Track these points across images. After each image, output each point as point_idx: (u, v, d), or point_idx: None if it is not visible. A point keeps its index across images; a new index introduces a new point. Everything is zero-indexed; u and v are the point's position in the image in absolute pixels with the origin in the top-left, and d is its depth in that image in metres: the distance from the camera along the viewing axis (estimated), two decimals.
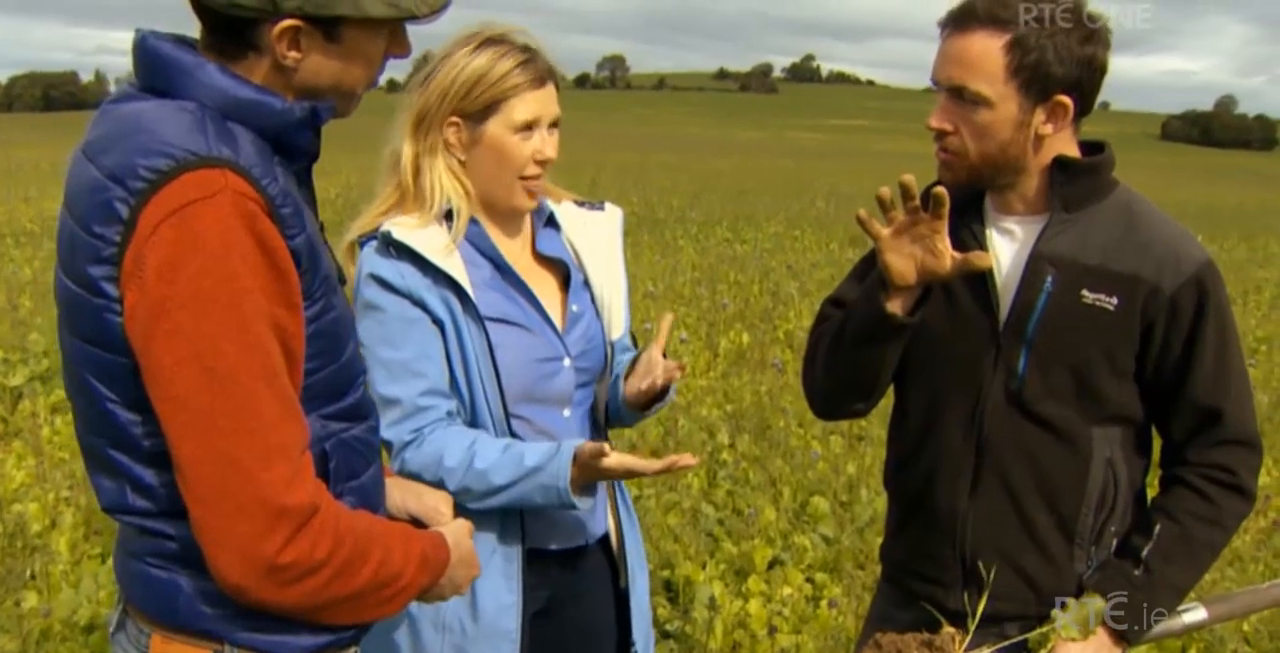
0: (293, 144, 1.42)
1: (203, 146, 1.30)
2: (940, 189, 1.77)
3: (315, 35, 1.38)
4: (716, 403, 6.73)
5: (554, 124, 2.01)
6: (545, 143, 1.98)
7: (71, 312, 1.35)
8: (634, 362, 2.12)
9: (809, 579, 4.35)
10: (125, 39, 1.44)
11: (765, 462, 5.61)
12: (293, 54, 1.38)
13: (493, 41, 1.95)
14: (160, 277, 1.26)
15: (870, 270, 1.98)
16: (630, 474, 1.95)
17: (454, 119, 1.95)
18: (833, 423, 6.14)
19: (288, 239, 1.34)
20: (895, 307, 1.84)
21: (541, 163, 1.99)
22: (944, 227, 1.76)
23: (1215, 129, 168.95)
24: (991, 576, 1.85)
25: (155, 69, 1.38)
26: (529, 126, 1.96)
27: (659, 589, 4.14)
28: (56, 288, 1.38)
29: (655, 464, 1.90)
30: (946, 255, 1.77)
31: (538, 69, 1.96)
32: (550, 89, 1.98)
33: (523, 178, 1.99)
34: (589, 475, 1.94)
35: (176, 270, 1.25)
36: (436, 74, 1.95)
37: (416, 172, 1.97)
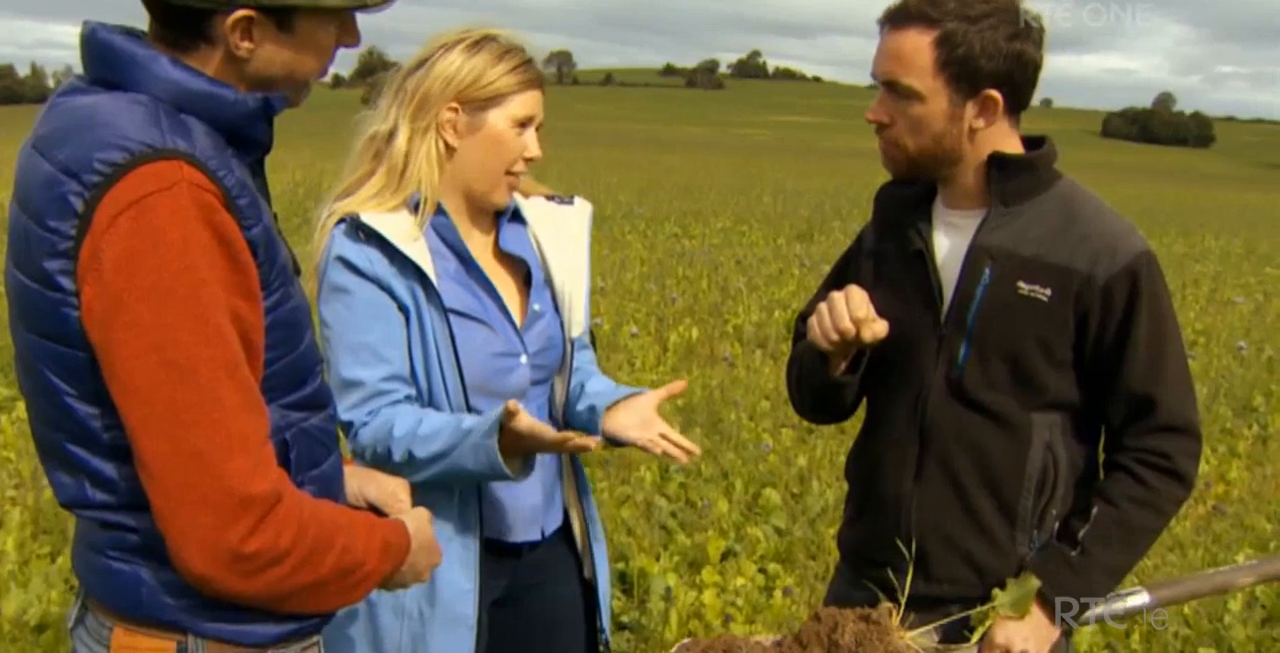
0: (246, 135, 1.42)
1: (158, 139, 1.30)
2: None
3: (268, 25, 1.38)
4: None
5: (539, 127, 2.05)
6: (534, 142, 2.03)
7: (27, 307, 1.35)
8: (622, 398, 2.11)
9: (762, 570, 4.39)
10: (65, 32, 1.44)
11: (717, 455, 5.64)
12: (245, 45, 1.38)
13: (494, 40, 1.99)
14: (118, 269, 1.26)
15: (841, 280, 2.09)
16: (537, 440, 1.90)
17: (453, 104, 1.97)
18: (783, 416, 6.23)
19: (245, 230, 1.34)
20: (835, 368, 2.00)
21: (528, 161, 2.04)
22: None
23: (1154, 126, 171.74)
24: (912, 553, 1.90)
25: (107, 62, 1.38)
26: (524, 124, 2.01)
27: (613, 582, 4.16)
28: (8, 283, 1.37)
29: (553, 435, 1.88)
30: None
31: (535, 72, 2.01)
32: (540, 93, 2.04)
33: (508, 173, 2.03)
34: (515, 441, 1.91)
35: (135, 263, 1.25)
36: (437, 62, 1.97)
37: (408, 154, 1.99)
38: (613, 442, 2.09)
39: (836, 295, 1.89)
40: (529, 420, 1.89)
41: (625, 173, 29.60)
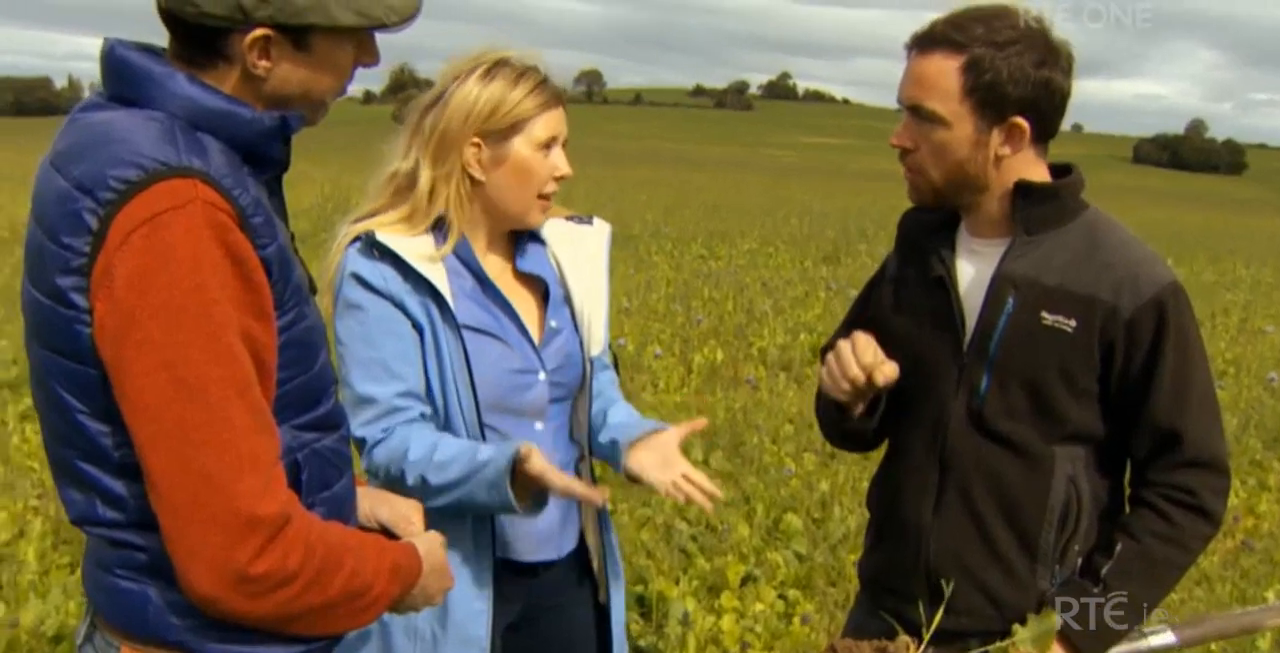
0: (263, 154, 1.42)
1: (173, 157, 1.30)
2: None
3: (285, 44, 1.38)
4: (690, 419, 6.71)
5: (564, 143, 2.04)
6: (562, 160, 2.02)
7: (40, 323, 1.35)
8: (645, 434, 2.09)
9: (781, 596, 4.34)
10: (96, 45, 1.44)
11: (739, 478, 5.61)
12: (263, 63, 1.38)
13: (506, 64, 1.97)
14: (130, 287, 1.25)
15: (863, 311, 2.11)
16: (546, 483, 1.90)
17: (475, 140, 1.96)
18: (806, 440, 6.19)
19: (259, 249, 1.34)
20: (854, 413, 2.02)
21: (558, 180, 2.03)
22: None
23: (1185, 153, 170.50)
24: (949, 590, 1.87)
25: (124, 78, 1.38)
26: (548, 145, 2.00)
27: (631, 605, 4.13)
28: (24, 299, 1.37)
29: (560, 484, 1.90)
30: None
31: (553, 90, 2.00)
32: (562, 110, 2.02)
33: (540, 196, 2.02)
34: (527, 479, 1.91)
35: (147, 281, 1.25)
36: (452, 97, 1.95)
37: (432, 193, 1.98)
38: (633, 479, 2.06)
39: (843, 344, 1.90)
40: (540, 465, 1.89)
41: (653, 192, 29.65)
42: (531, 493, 1.94)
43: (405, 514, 1.76)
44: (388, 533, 1.72)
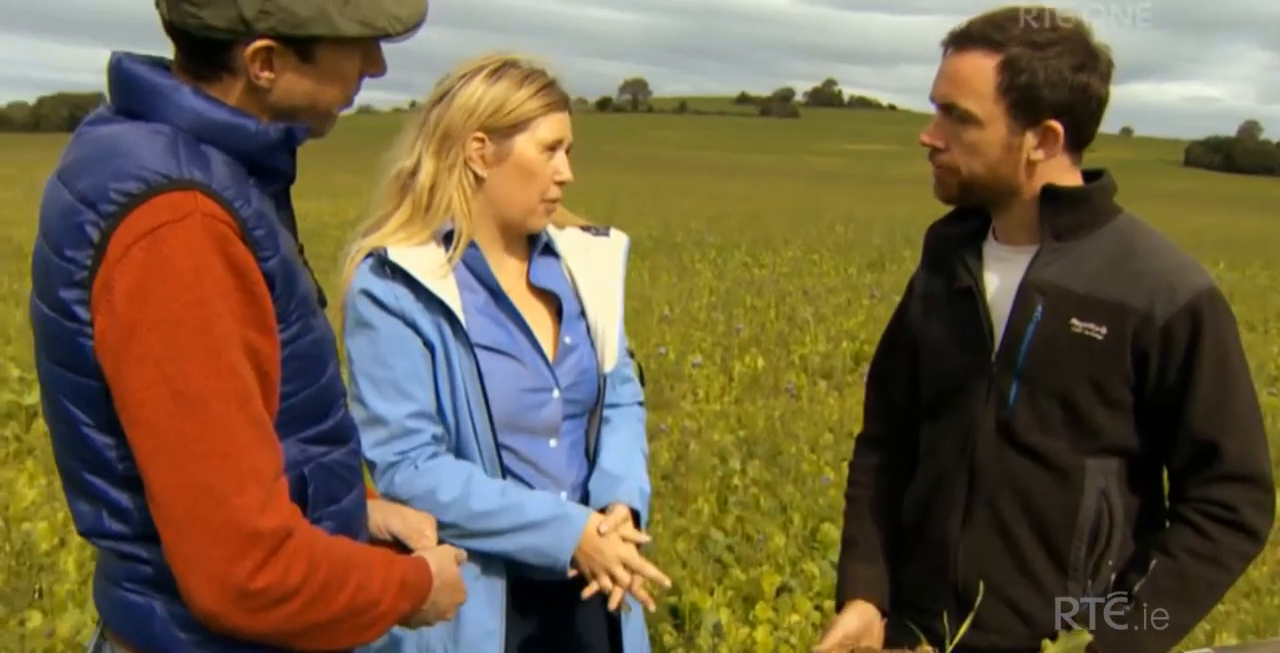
0: (268, 166, 1.42)
1: (174, 169, 1.29)
2: None
3: (288, 55, 1.37)
4: (729, 428, 6.69)
5: (568, 149, 2.03)
6: (564, 164, 2.01)
7: (47, 336, 1.35)
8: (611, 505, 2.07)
9: (817, 607, 4.29)
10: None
11: (776, 488, 5.56)
12: (266, 74, 1.38)
13: (514, 65, 1.97)
14: (130, 300, 1.25)
15: (899, 327, 2.09)
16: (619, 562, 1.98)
17: (479, 135, 1.95)
18: (845, 449, 6.13)
19: (261, 261, 1.33)
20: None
21: (560, 184, 2.01)
22: None
23: (1238, 155, 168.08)
24: (978, 603, 1.82)
25: (131, 92, 1.38)
26: (552, 147, 1.98)
27: (665, 616, 4.10)
28: (32, 312, 1.38)
29: (643, 572, 1.98)
30: None
31: (560, 93, 1.99)
32: (567, 114, 2.01)
33: (544, 200, 2.01)
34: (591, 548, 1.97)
35: (146, 294, 1.25)
36: (458, 93, 1.95)
37: (432, 188, 1.97)
38: None
39: None
40: (631, 553, 1.98)
41: (696, 200, 29.66)
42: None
43: (418, 527, 1.75)
44: (400, 545, 1.70)
